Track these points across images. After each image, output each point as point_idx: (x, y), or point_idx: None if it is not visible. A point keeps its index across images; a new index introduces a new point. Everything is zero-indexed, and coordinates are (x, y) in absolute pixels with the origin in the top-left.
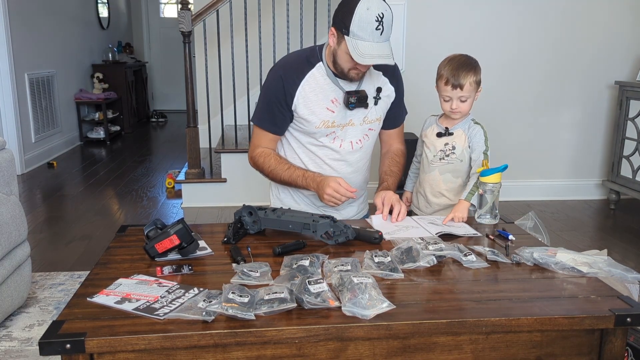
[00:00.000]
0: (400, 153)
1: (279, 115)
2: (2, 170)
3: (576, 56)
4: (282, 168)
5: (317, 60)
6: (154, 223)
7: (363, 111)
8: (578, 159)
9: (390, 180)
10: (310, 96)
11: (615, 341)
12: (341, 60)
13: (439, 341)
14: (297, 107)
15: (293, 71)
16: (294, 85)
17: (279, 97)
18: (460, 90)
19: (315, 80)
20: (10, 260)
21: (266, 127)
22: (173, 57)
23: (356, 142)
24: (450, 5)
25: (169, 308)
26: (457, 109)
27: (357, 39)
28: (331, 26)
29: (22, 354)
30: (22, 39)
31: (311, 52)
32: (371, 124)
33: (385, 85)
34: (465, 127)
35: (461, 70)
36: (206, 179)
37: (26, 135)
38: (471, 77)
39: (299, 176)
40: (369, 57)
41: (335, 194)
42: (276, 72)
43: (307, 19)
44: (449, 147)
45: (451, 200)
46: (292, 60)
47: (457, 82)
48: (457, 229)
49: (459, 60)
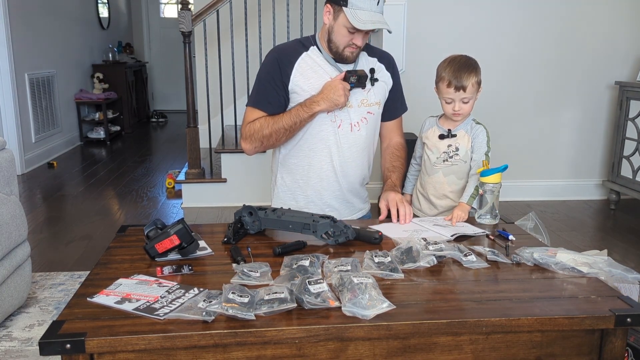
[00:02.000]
0: (401, 147)
1: (273, 94)
2: (2, 170)
3: (576, 56)
4: (280, 118)
5: (311, 44)
6: (154, 223)
7: (361, 92)
8: (578, 159)
9: (394, 176)
10: (308, 73)
11: (616, 341)
12: (337, 36)
13: (439, 341)
14: (294, 85)
15: (288, 53)
16: (289, 65)
17: (275, 77)
18: (463, 92)
19: (312, 59)
20: (10, 260)
21: (261, 106)
22: (173, 57)
23: (355, 125)
24: (451, 5)
25: (169, 308)
26: (460, 110)
27: (356, 8)
28: (325, 3)
29: (22, 354)
30: (22, 39)
31: (305, 38)
32: (370, 107)
33: (381, 71)
34: (468, 127)
35: (463, 71)
36: (206, 179)
37: (26, 135)
38: (473, 78)
39: (299, 109)
40: (370, 23)
41: (344, 90)
42: (271, 55)
43: (307, 19)
44: (452, 148)
45: (455, 201)
46: (287, 45)
47: (460, 84)
48: (466, 229)
49: (460, 62)
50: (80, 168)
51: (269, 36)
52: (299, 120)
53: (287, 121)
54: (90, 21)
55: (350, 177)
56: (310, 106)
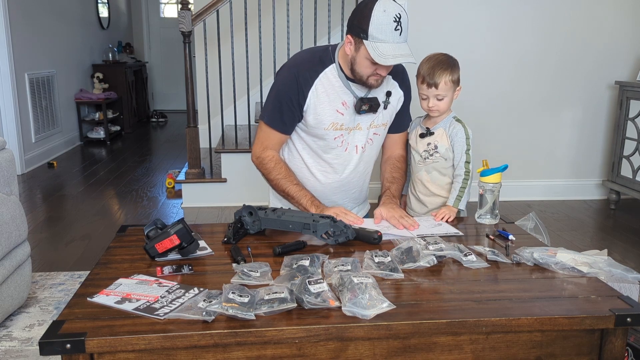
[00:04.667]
0: (402, 159)
1: (288, 114)
2: (2, 170)
3: (576, 56)
4: (290, 181)
5: (330, 62)
6: (154, 223)
7: (371, 115)
8: (578, 159)
9: (393, 188)
10: (322, 97)
11: (616, 341)
12: (360, 67)
13: (439, 341)
14: (308, 107)
15: (307, 70)
16: (307, 86)
17: (292, 96)
18: (435, 89)
19: (329, 81)
20: (10, 260)
21: (276, 126)
22: (173, 57)
23: (361, 147)
24: (451, 6)
25: (169, 308)
26: (434, 107)
27: (377, 41)
28: (346, 34)
29: (22, 354)
30: (22, 39)
31: (324, 52)
32: (377, 129)
33: (395, 89)
34: (447, 125)
35: (437, 69)
36: (206, 179)
37: (26, 135)
38: (447, 76)
39: (307, 196)
40: (392, 58)
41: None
42: (290, 70)
43: (307, 19)
44: (431, 146)
45: (444, 197)
46: (306, 59)
47: (432, 81)
48: (441, 228)
49: (437, 59)
50: (80, 168)
51: (269, 36)
52: (299, 204)
53: (291, 192)
54: (90, 21)
55: (350, 192)
56: (313, 206)
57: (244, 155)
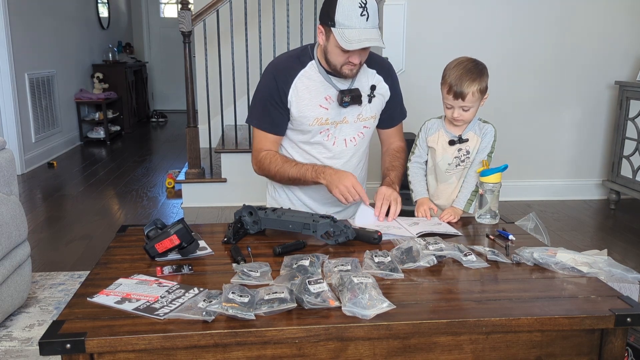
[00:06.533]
0: (401, 149)
1: (276, 114)
2: (2, 170)
3: (576, 56)
4: (289, 165)
5: (309, 59)
6: (154, 223)
7: (357, 108)
8: (578, 159)
9: (392, 174)
10: (304, 94)
11: (615, 341)
12: (332, 56)
13: (439, 341)
14: (291, 104)
15: (286, 70)
16: (286, 84)
17: (274, 97)
18: (462, 101)
19: (309, 78)
20: (10, 260)
21: (266, 128)
22: (173, 57)
23: (350, 140)
24: (450, 5)
25: (169, 308)
26: (459, 117)
27: (344, 27)
28: (318, 24)
29: (22, 354)
30: (22, 39)
31: (302, 52)
32: (366, 122)
33: (380, 84)
34: (476, 128)
35: (464, 79)
36: (206, 179)
37: (26, 135)
38: (475, 86)
39: (308, 169)
40: (357, 42)
41: (351, 189)
42: (269, 72)
43: (307, 19)
44: (463, 152)
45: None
46: (284, 60)
47: (460, 91)
48: (438, 227)
49: (465, 67)
50: (80, 168)
51: (269, 36)
52: (303, 178)
53: (293, 174)
54: (90, 21)
55: None
56: (317, 174)
57: (244, 155)
